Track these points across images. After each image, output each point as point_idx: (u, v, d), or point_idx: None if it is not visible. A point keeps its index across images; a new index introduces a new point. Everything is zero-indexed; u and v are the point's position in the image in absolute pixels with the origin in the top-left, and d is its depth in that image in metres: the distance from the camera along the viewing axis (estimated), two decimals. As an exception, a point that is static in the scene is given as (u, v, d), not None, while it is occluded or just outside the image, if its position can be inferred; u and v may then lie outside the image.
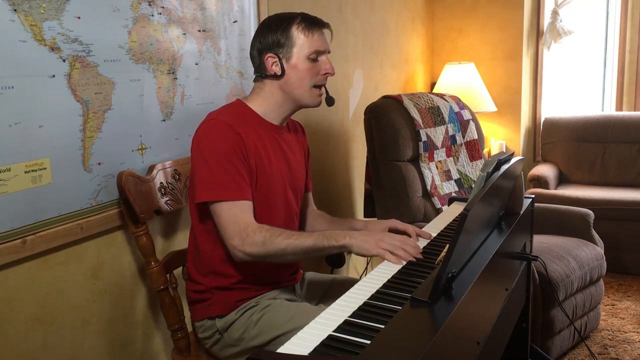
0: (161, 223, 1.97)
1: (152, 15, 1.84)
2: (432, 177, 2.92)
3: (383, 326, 1.10)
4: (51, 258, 1.61)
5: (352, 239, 1.52)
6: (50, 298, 1.62)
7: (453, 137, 3.06)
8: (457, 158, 3.07)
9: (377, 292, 1.29)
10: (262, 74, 1.68)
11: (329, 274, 2.52)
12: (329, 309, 1.21)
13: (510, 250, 1.78)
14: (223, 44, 2.17)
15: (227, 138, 1.58)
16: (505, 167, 1.59)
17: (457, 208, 2.04)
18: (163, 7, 1.88)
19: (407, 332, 1.08)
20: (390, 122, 2.83)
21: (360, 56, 3.30)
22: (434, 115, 3.01)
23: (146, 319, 1.95)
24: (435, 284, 1.16)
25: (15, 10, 1.45)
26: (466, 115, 3.16)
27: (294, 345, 1.05)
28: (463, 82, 3.96)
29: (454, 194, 2.93)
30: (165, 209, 1.84)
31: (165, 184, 1.86)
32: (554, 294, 2.42)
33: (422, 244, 1.65)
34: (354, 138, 3.27)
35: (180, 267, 1.88)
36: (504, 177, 1.56)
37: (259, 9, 2.35)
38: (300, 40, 1.64)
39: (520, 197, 1.89)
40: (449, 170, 3.01)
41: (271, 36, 1.65)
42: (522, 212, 1.88)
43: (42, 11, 1.51)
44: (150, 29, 1.84)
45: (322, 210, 1.98)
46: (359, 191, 3.33)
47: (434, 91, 4.06)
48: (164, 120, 1.93)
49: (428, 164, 2.92)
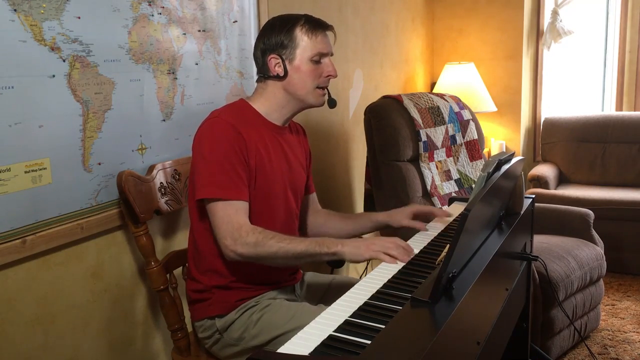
0: (161, 223, 1.97)
1: (152, 15, 1.84)
2: (432, 177, 2.92)
3: (383, 326, 1.10)
4: (51, 258, 1.61)
5: (344, 246, 1.51)
6: (50, 298, 1.62)
7: (453, 137, 3.06)
8: (457, 158, 3.07)
9: (378, 292, 1.29)
10: (265, 74, 1.69)
11: (328, 274, 2.52)
12: (329, 309, 1.21)
13: (510, 250, 1.78)
14: (223, 44, 2.17)
15: (228, 137, 1.58)
16: (505, 167, 1.59)
17: (457, 208, 2.04)
18: (163, 7, 1.88)
19: (408, 332, 1.08)
20: (390, 122, 2.83)
21: (360, 56, 3.30)
22: (434, 115, 3.01)
23: (146, 319, 1.95)
24: (435, 284, 1.16)
25: (15, 10, 1.45)
26: (466, 115, 3.16)
27: (294, 345, 1.05)
28: (463, 82, 3.96)
29: (454, 194, 2.93)
30: (165, 209, 1.84)
31: (165, 184, 1.86)
32: (554, 294, 2.42)
33: (422, 244, 1.65)
34: (354, 138, 3.27)
35: (180, 267, 1.88)
36: (505, 177, 1.56)
37: (259, 9, 2.35)
38: (304, 42, 1.64)
39: (521, 197, 1.89)
40: (449, 170, 3.01)
41: (275, 37, 1.65)
42: (522, 212, 1.88)
43: (42, 11, 1.51)
44: (150, 29, 1.84)
45: (326, 209, 1.99)
46: (359, 191, 3.33)
47: (434, 91, 4.06)
48: (164, 120, 1.93)
49: (428, 164, 2.92)
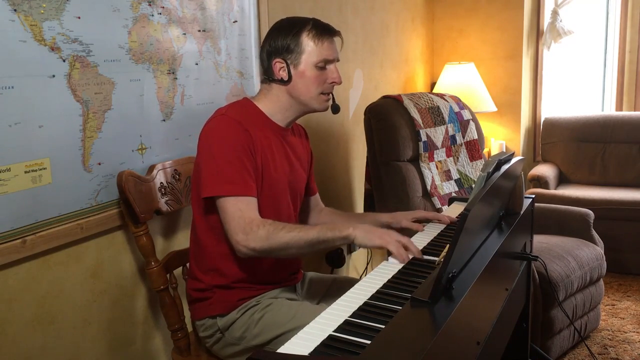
0: (161, 223, 1.97)
1: (152, 15, 1.84)
2: (432, 177, 2.92)
3: (383, 326, 1.10)
4: (51, 258, 1.61)
5: (356, 229, 1.52)
6: (50, 298, 1.62)
7: (453, 137, 3.06)
8: (457, 158, 3.07)
9: (377, 292, 1.29)
10: (270, 77, 1.69)
11: (329, 274, 2.52)
12: (329, 309, 1.21)
13: (510, 250, 1.78)
14: (223, 44, 2.17)
15: (237, 134, 1.58)
16: (505, 167, 1.59)
17: (457, 208, 2.04)
18: (163, 7, 1.88)
19: (408, 332, 1.08)
20: (390, 122, 2.83)
21: (360, 56, 3.30)
22: (434, 115, 3.01)
23: (146, 319, 1.95)
24: (435, 284, 1.16)
25: (15, 10, 1.45)
26: (466, 115, 3.16)
27: (294, 345, 1.05)
28: (463, 82, 3.95)
29: (454, 194, 2.93)
30: (165, 209, 1.84)
31: (165, 184, 1.86)
32: (554, 294, 2.42)
33: (422, 244, 1.65)
34: (354, 138, 3.27)
35: (180, 267, 1.88)
36: (504, 177, 1.56)
37: (259, 9, 2.35)
38: (310, 47, 1.64)
39: (521, 197, 1.89)
40: (449, 170, 3.01)
41: (281, 40, 1.65)
42: (522, 212, 1.88)
43: (42, 11, 1.51)
44: (150, 29, 1.84)
45: (330, 207, 1.99)
46: (359, 191, 3.33)
47: (434, 91, 4.05)
48: (164, 120, 1.93)
49: (428, 164, 2.92)
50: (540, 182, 3.90)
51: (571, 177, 4.17)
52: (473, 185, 2.84)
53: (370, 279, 1.37)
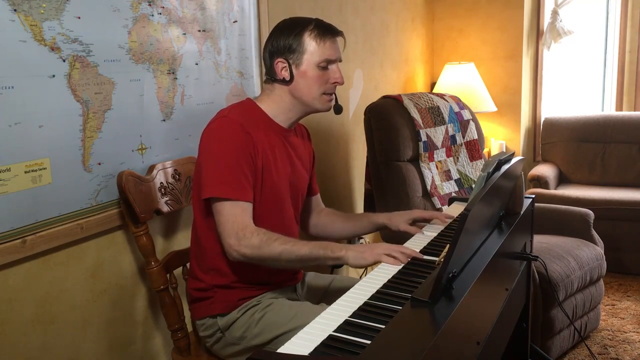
0: (161, 223, 1.97)
1: (152, 15, 1.84)
2: (432, 177, 2.92)
3: (383, 326, 1.10)
4: (51, 258, 1.61)
5: (349, 251, 1.51)
6: (50, 298, 1.62)
7: (453, 137, 3.06)
8: (457, 158, 3.07)
9: (378, 292, 1.29)
10: (272, 77, 1.69)
11: (329, 274, 2.52)
12: (329, 309, 1.21)
13: (510, 250, 1.78)
14: (223, 44, 2.17)
15: (238, 137, 1.58)
16: (505, 167, 1.59)
17: (457, 208, 2.04)
18: (163, 7, 1.88)
19: (408, 332, 1.08)
20: (390, 122, 2.83)
21: (360, 56, 3.30)
22: (434, 115, 3.01)
23: (146, 319, 1.95)
24: (435, 284, 1.16)
25: (15, 10, 1.45)
26: (466, 115, 3.16)
27: (294, 345, 1.05)
28: (463, 82, 3.96)
29: (454, 194, 2.93)
30: (165, 209, 1.84)
31: (165, 184, 1.86)
32: (554, 294, 2.42)
33: (422, 244, 1.65)
34: (354, 138, 3.27)
35: (180, 267, 1.88)
36: (505, 177, 1.56)
37: (259, 9, 2.35)
38: (312, 47, 1.63)
39: (521, 197, 1.89)
40: (449, 170, 3.01)
41: (283, 40, 1.64)
42: (522, 212, 1.88)
43: (42, 11, 1.51)
44: (150, 29, 1.84)
45: (330, 208, 1.99)
46: (359, 191, 3.33)
47: (434, 91, 4.06)
48: (164, 120, 1.93)
49: (428, 164, 2.92)
50: (540, 182, 3.90)
51: (571, 177, 4.17)
52: (473, 185, 2.85)
53: (370, 279, 1.37)
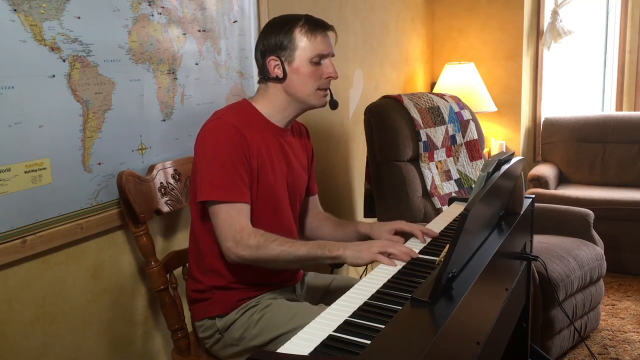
0: (161, 223, 1.97)
1: (152, 15, 1.84)
2: (432, 177, 2.92)
3: (383, 326, 1.10)
4: (51, 258, 1.61)
5: (346, 250, 1.51)
6: (50, 298, 1.62)
7: (453, 137, 3.06)
8: (457, 158, 3.07)
9: (377, 292, 1.29)
10: (265, 76, 1.68)
11: (329, 274, 2.52)
12: (329, 309, 1.21)
13: (510, 250, 1.78)
14: (223, 44, 2.17)
15: (232, 139, 1.57)
16: (505, 167, 1.59)
17: (457, 208, 2.04)
18: (163, 7, 1.88)
19: (407, 332, 1.08)
20: (390, 122, 2.83)
21: (360, 56, 3.30)
22: (434, 115, 3.01)
23: (146, 319, 1.95)
24: (435, 284, 1.16)
25: (15, 10, 1.45)
26: (466, 115, 3.16)
27: (294, 345, 1.05)
28: (463, 82, 3.96)
29: (454, 194, 2.93)
30: (165, 209, 1.84)
31: (165, 184, 1.86)
32: (554, 294, 2.42)
33: (422, 244, 1.65)
34: (354, 138, 3.27)
35: (180, 267, 1.88)
36: (504, 177, 1.56)
37: (259, 9, 2.35)
38: (303, 43, 1.62)
39: (521, 197, 1.89)
40: (449, 170, 3.01)
41: (274, 38, 1.64)
42: (522, 212, 1.88)
43: (42, 11, 1.51)
44: (150, 29, 1.84)
45: (327, 212, 1.98)
46: (359, 191, 3.33)
47: (434, 91, 4.06)
48: (164, 120, 1.93)
49: (428, 164, 2.92)
50: (540, 182, 3.90)
51: (571, 177, 4.17)
52: (473, 185, 2.85)
53: (370, 279, 1.37)
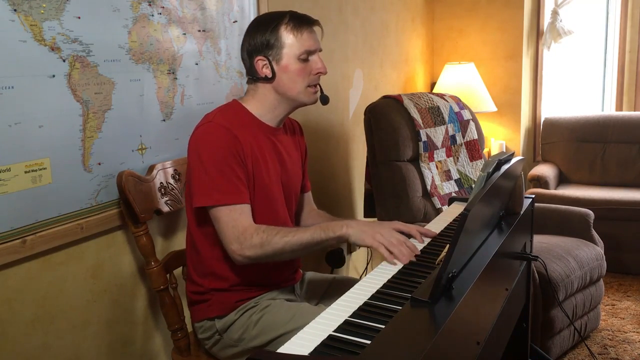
0: (161, 223, 1.97)
1: (152, 15, 1.84)
2: (432, 177, 2.92)
3: (383, 326, 1.10)
4: (51, 258, 1.61)
5: (350, 228, 1.51)
6: (50, 298, 1.62)
7: (453, 137, 3.06)
8: (457, 158, 3.07)
9: (377, 292, 1.29)
10: (254, 76, 1.67)
11: (329, 273, 2.52)
12: (329, 309, 1.21)
13: (510, 250, 1.78)
14: (223, 44, 2.17)
15: (225, 141, 1.56)
16: (505, 167, 1.59)
17: (457, 208, 2.04)
18: (163, 7, 1.88)
19: (407, 332, 1.08)
20: (390, 122, 2.83)
21: (360, 56, 3.30)
22: (434, 115, 3.01)
23: (146, 319, 1.95)
24: (435, 284, 1.16)
25: (15, 10, 1.45)
26: (466, 115, 3.16)
27: (294, 345, 1.05)
28: (463, 82, 3.96)
29: (454, 194, 2.93)
30: (165, 209, 1.84)
31: (165, 184, 1.86)
32: (554, 294, 2.42)
33: (422, 244, 1.65)
34: (354, 138, 3.27)
35: (180, 267, 1.88)
36: (504, 177, 1.56)
37: (259, 9, 2.35)
38: (290, 40, 1.61)
39: (521, 197, 1.89)
40: (449, 170, 3.01)
41: (260, 37, 1.62)
42: (522, 212, 1.88)
43: (42, 11, 1.51)
44: (150, 29, 1.84)
45: (322, 210, 1.98)
46: (359, 191, 3.33)
47: (434, 91, 4.06)
48: (164, 120, 1.93)
49: (428, 164, 2.92)
50: (540, 182, 3.90)
51: (571, 177, 4.17)
52: (473, 185, 2.85)
53: (370, 279, 1.37)
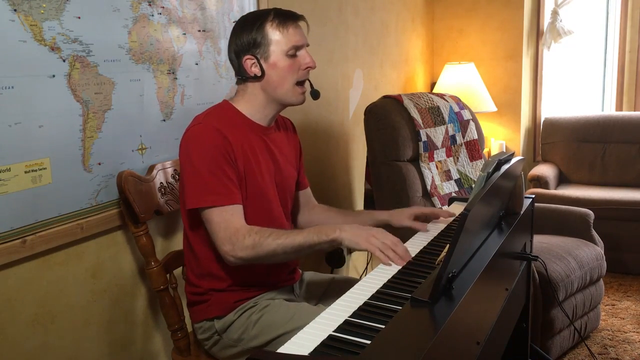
0: (161, 223, 1.97)
1: (152, 15, 1.84)
2: (432, 177, 2.92)
3: (383, 326, 1.10)
4: (51, 258, 1.61)
5: (343, 232, 1.49)
6: (50, 298, 1.62)
7: (453, 137, 3.06)
8: (457, 158, 3.07)
9: (378, 292, 1.29)
10: (243, 76, 1.66)
11: (328, 274, 2.52)
12: (329, 309, 1.21)
13: (510, 250, 1.78)
14: (223, 44, 2.17)
15: (215, 142, 1.56)
16: (505, 167, 1.59)
17: (457, 208, 2.04)
18: (163, 7, 1.88)
19: (407, 332, 1.08)
20: (390, 122, 2.83)
21: (360, 56, 3.30)
22: (434, 115, 3.01)
23: (146, 319, 1.95)
24: (435, 284, 1.16)
25: (15, 10, 1.45)
26: (466, 115, 3.16)
27: (294, 345, 1.05)
28: (463, 82, 3.96)
29: (454, 194, 2.93)
30: (165, 209, 1.84)
31: (165, 184, 1.86)
32: (554, 294, 2.42)
33: (422, 244, 1.65)
34: (354, 138, 3.27)
35: (180, 267, 1.88)
36: (504, 177, 1.56)
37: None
38: (276, 36, 1.61)
39: (521, 197, 1.89)
40: (449, 170, 3.01)
41: (246, 36, 1.62)
42: (522, 212, 1.88)
43: (42, 11, 1.51)
44: (150, 29, 1.84)
45: (324, 205, 1.98)
46: (359, 191, 3.33)
47: (434, 91, 4.06)
48: (164, 120, 1.93)
49: (428, 164, 2.92)
50: (540, 182, 3.90)
51: (571, 177, 4.17)
52: (473, 185, 2.84)
53: (370, 279, 1.37)
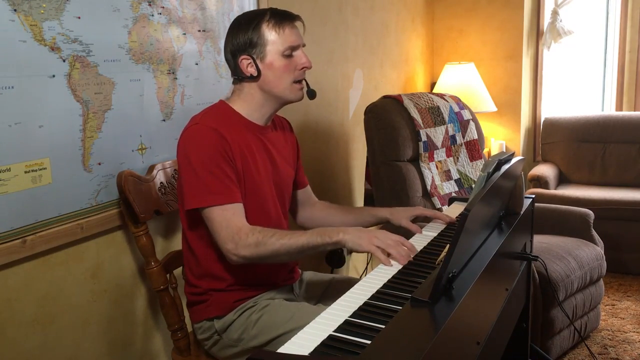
0: (161, 223, 1.97)
1: (152, 15, 1.84)
2: (432, 177, 2.92)
3: (383, 326, 1.10)
4: (51, 258, 1.61)
5: (346, 234, 1.50)
6: (50, 298, 1.62)
7: (453, 137, 3.06)
8: (457, 158, 3.07)
9: (378, 292, 1.29)
10: (239, 76, 1.66)
11: (328, 273, 2.52)
12: (329, 309, 1.21)
13: (510, 250, 1.78)
14: (223, 44, 2.16)
15: (213, 142, 1.56)
16: (505, 167, 1.59)
17: (457, 208, 2.04)
18: (163, 7, 1.88)
19: (408, 332, 1.08)
20: (390, 122, 2.83)
21: (360, 56, 3.30)
22: (434, 115, 3.01)
23: (146, 319, 1.95)
24: (435, 284, 1.16)
25: (15, 10, 1.45)
26: (466, 115, 3.16)
27: (294, 345, 1.05)
28: (463, 82, 3.96)
29: (454, 194, 2.93)
30: (165, 209, 1.84)
31: (165, 184, 1.86)
32: (554, 294, 2.42)
33: (422, 244, 1.65)
34: (354, 138, 3.27)
35: (180, 267, 1.88)
36: (505, 177, 1.56)
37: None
38: (272, 37, 1.61)
39: (521, 197, 1.89)
40: (449, 170, 3.01)
41: (242, 36, 1.62)
42: (522, 212, 1.88)
43: (42, 11, 1.51)
44: (150, 29, 1.84)
45: (326, 201, 1.98)
46: (359, 191, 3.33)
47: (434, 91, 4.06)
48: (164, 120, 1.93)
49: (428, 164, 2.92)
50: (540, 182, 3.90)
51: (571, 177, 4.17)
52: (473, 185, 2.85)
53: (370, 279, 1.37)
